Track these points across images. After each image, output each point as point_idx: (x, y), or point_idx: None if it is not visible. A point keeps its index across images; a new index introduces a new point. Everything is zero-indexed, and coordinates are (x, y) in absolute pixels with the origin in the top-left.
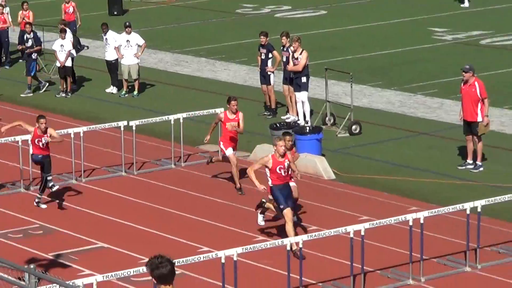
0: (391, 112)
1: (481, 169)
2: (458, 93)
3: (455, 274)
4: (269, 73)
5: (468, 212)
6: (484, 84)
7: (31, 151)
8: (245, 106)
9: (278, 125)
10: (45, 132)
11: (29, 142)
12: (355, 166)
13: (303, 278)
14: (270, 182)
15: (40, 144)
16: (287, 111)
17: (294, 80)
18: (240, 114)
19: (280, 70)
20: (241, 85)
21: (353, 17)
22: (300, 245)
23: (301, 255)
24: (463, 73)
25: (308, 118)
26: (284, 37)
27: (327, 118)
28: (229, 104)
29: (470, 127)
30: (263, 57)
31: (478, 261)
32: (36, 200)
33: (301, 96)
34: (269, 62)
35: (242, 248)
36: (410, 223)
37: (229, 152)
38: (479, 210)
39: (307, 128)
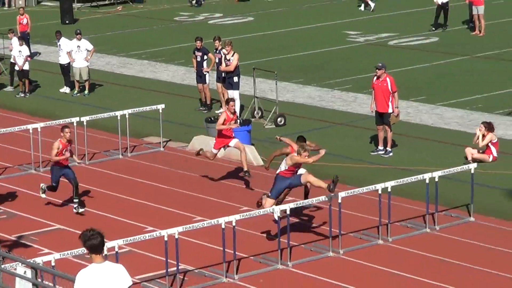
0: (311, 105)
1: (391, 154)
2: (370, 88)
3: (369, 247)
4: (205, 73)
5: (379, 192)
6: (397, 79)
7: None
8: (183, 102)
9: (212, 118)
10: (69, 142)
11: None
12: None
13: (236, 253)
14: (279, 171)
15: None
16: (221, 106)
17: (226, 79)
18: (237, 114)
19: (214, 70)
20: (180, 84)
21: (277, 22)
22: (234, 224)
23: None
24: (377, 70)
25: (238, 112)
26: (216, 41)
27: (255, 112)
28: (228, 105)
29: (382, 117)
30: (198, 59)
31: (389, 235)
32: (75, 206)
33: (233, 93)
34: (205, 63)
35: (183, 228)
36: (330, 203)
37: (234, 142)
38: (389, 190)
39: (238, 121)
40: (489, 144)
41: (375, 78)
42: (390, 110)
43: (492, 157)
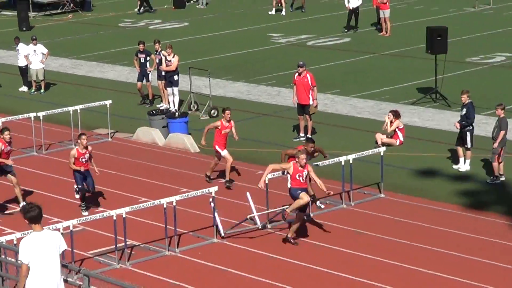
0: (240, 99)
1: None
2: (292, 83)
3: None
4: (148, 72)
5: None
6: (316, 75)
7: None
8: (128, 98)
9: (154, 111)
10: (86, 148)
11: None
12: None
13: (177, 229)
14: (289, 185)
15: (84, 160)
16: (162, 101)
17: (167, 77)
18: (232, 122)
19: (155, 69)
20: (124, 82)
21: (210, 27)
22: (174, 204)
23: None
24: (298, 67)
25: (177, 106)
26: (157, 44)
27: (191, 105)
28: (224, 113)
29: (303, 109)
30: (142, 60)
31: (310, 211)
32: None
33: (173, 90)
34: (148, 64)
35: (129, 208)
36: (266, 182)
37: (225, 152)
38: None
39: (177, 113)
40: (396, 129)
41: (297, 74)
42: (310, 102)
43: (399, 141)
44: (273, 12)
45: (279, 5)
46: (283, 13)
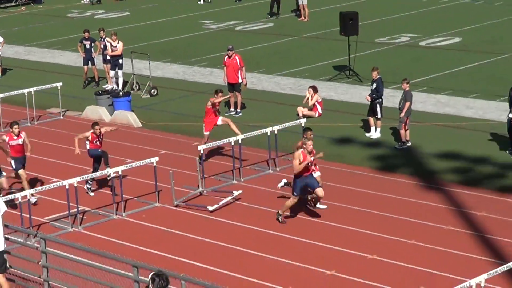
0: (177, 79)
1: (240, 114)
2: (222, 64)
3: (227, 186)
4: (94, 57)
5: (232, 143)
6: (244, 57)
7: (88, 147)
8: (76, 80)
9: (100, 92)
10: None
11: (87, 142)
12: (155, 117)
13: (123, 195)
14: (295, 173)
15: (98, 142)
16: (107, 82)
17: (112, 61)
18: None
19: (100, 54)
20: (73, 66)
21: (148, 15)
22: (120, 173)
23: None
24: (228, 50)
25: (121, 87)
26: (102, 31)
27: (134, 86)
28: (217, 95)
29: (233, 87)
30: (87, 46)
31: (241, 176)
32: (87, 186)
33: (117, 72)
34: (92, 49)
35: (80, 177)
36: (200, 155)
37: (220, 120)
38: (240, 142)
39: (120, 93)
40: (316, 103)
41: (227, 56)
42: (239, 81)
43: (318, 113)
44: (202, 2)
45: None
46: (209, 0)
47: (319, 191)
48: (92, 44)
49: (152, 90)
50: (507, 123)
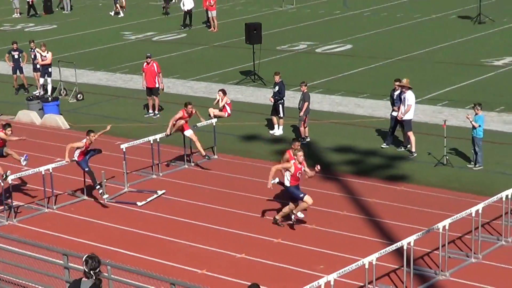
0: (101, 85)
1: (158, 115)
2: (141, 71)
3: (147, 180)
4: (22, 66)
5: (151, 142)
6: (160, 64)
7: (77, 158)
8: (9, 88)
9: (31, 97)
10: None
11: (77, 152)
12: (81, 119)
13: (54, 190)
14: (287, 183)
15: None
16: (37, 89)
17: (42, 70)
18: (193, 111)
19: (30, 63)
20: (5, 75)
21: (74, 28)
22: (51, 170)
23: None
24: (147, 58)
25: (50, 92)
26: (32, 43)
27: (61, 91)
28: (187, 107)
29: (151, 91)
30: (16, 56)
31: (160, 171)
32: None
33: (47, 79)
34: (20, 59)
35: (14, 175)
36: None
37: (188, 132)
38: (158, 140)
39: (50, 98)
40: (225, 104)
41: (145, 63)
42: (157, 85)
43: (227, 113)
44: (112, 13)
45: (119, 9)
46: (121, 15)
47: (308, 199)
48: (20, 54)
49: (78, 95)
50: (391, 120)
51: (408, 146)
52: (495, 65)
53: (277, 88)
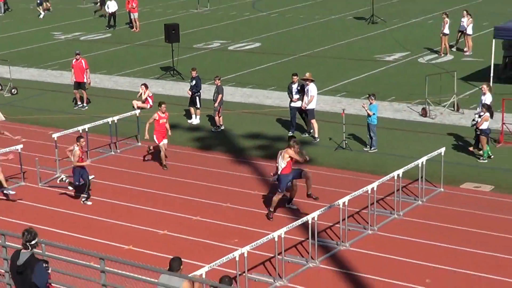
0: (33, 80)
1: (86, 107)
2: (70, 67)
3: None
4: None
5: (81, 131)
6: (88, 61)
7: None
8: None
9: None
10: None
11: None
12: (16, 112)
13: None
14: (280, 171)
15: (83, 156)
16: None
17: None
18: (167, 114)
19: None
20: None
21: (8, 29)
22: None
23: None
24: (76, 55)
25: None
26: None
27: None
28: (160, 107)
29: (79, 85)
30: None
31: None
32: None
33: None
34: None
35: None
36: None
37: (162, 142)
38: (86, 130)
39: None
40: (147, 97)
41: (74, 60)
42: (85, 80)
43: (149, 105)
44: (41, 16)
45: (40, 11)
46: (42, 16)
47: (306, 174)
48: None
49: (13, 90)
50: (290, 110)
51: (312, 132)
52: (387, 60)
53: (194, 82)
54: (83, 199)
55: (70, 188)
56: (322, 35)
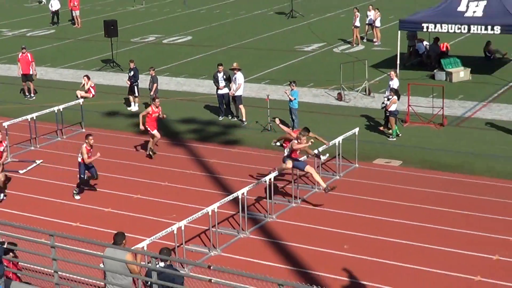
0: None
1: (34, 98)
2: (17, 60)
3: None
4: None
5: (29, 120)
6: (34, 55)
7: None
8: None
9: None
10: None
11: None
12: None
13: None
14: (287, 154)
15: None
16: None
17: None
18: (160, 107)
19: None
20: None
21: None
22: None
23: None
24: (22, 49)
25: None
26: None
27: None
28: (154, 101)
29: (26, 77)
30: None
31: (37, 143)
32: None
33: None
34: None
35: None
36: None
37: (156, 132)
38: (34, 118)
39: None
40: (90, 87)
41: (21, 54)
42: (31, 72)
43: (92, 95)
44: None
45: None
46: None
47: (308, 168)
48: None
49: None
50: (218, 97)
51: (240, 116)
52: (305, 50)
53: (132, 72)
54: (75, 191)
55: (77, 198)
56: (247, 28)
